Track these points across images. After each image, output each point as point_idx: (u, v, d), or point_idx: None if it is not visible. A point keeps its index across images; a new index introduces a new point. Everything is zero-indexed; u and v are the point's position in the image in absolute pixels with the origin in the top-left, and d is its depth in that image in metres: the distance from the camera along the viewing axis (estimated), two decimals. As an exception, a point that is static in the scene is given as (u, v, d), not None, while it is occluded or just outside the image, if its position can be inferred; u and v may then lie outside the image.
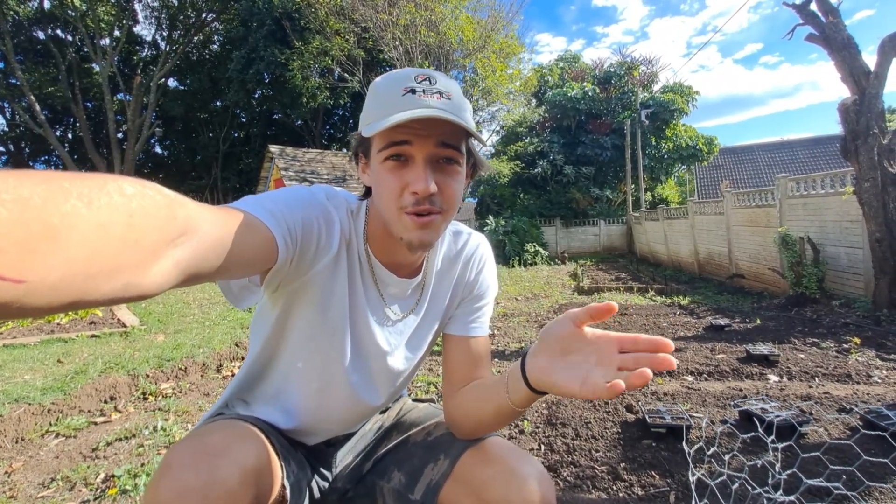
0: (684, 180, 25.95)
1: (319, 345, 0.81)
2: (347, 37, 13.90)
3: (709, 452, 1.37)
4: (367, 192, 0.81)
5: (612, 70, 19.27)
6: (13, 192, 0.29)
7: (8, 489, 1.81)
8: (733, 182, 20.81)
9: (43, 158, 22.85)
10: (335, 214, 0.76)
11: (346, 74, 14.98)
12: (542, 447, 2.12)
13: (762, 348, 3.38)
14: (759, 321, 4.85)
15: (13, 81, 17.47)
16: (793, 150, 23.49)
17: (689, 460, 1.20)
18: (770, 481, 1.29)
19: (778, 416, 2.03)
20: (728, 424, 2.09)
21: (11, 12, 16.34)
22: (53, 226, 0.31)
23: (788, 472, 1.24)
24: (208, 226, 0.47)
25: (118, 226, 0.35)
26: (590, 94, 17.84)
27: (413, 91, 0.68)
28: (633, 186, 17.88)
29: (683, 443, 1.34)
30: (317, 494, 0.92)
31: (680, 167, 20.94)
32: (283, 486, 0.74)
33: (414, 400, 1.13)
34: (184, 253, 0.43)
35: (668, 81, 19.16)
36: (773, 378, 2.96)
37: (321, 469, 0.94)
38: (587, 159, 18.07)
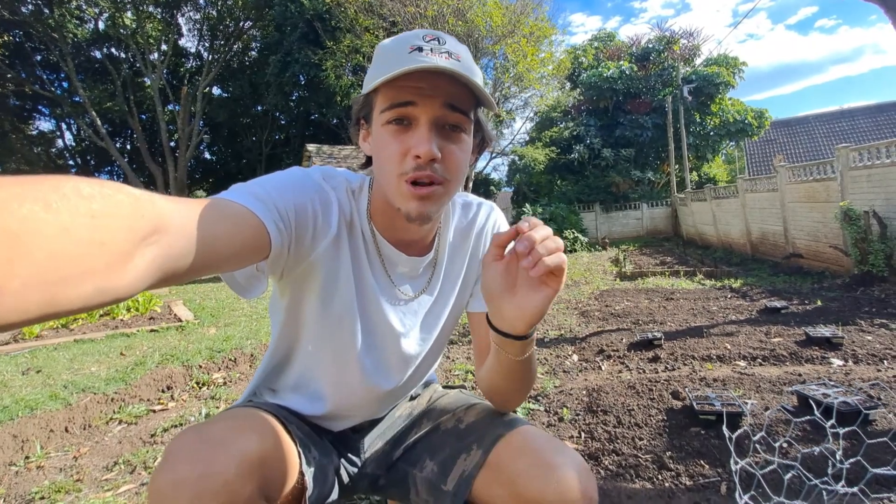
0: (733, 157, 24.50)
1: (330, 331, 0.79)
2: (377, 33, 13.99)
3: (755, 437, 1.27)
4: (367, 163, 0.77)
5: (651, 46, 18.38)
6: None
7: (75, 472, 1.96)
8: (787, 156, 19.45)
9: (106, 169, 24.54)
10: (332, 195, 0.74)
11: (377, 70, 15.06)
12: (583, 435, 2.06)
13: (824, 331, 3.14)
14: (819, 302, 4.51)
15: (76, 99, 18.85)
16: (854, 119, 21.66)
17: (731, 447, 1.12)
18: (830, 471, 1.18)
19: (842, 402, 1.88)
20: (781, 407, 1.95)
21: (70, 34, 17.58)
22: (12, 231, 0.29)
23: (852, 460, 1.14)
24: (183, 221, 0.45)
25: (81, 228, 0.33)
26: (627, 72, 17.11)
27: (420, 49, 0.64)
28: (676, 167, 17.05)
29: (723, 426, 1.25)
30: (346, 480, 0.91)
31: (728, 144, 19.76)
32: (301, 473, 0.73)
33: (444, 387, 1.11)
34: (158, 251, 0.41)
35: (712, 54, 18.09)
36: (837, 362, 2.74)
37: (349, 455, 0.94)
38: (626, 141, 17.39)
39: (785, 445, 1.37)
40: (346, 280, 0.77)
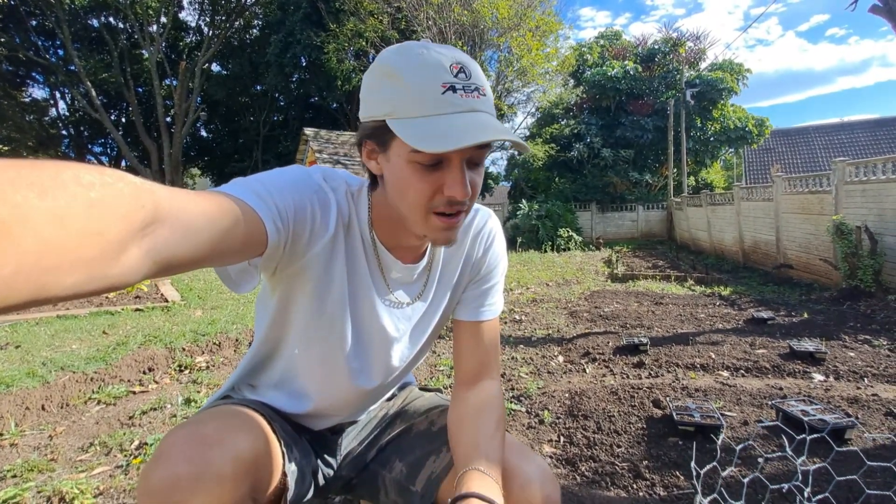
0: (731, 164, 24.58)
1: (320, 332, 0.79)
2: (381, 17, 13.82)
3: (724, 473, 1.27)
4: (374, 182, 0.76)
5: (657, 47, 18.28)
6: None
7: (49, 452, 1.94)
8: (785, 166, 19.56)
9: (100, 142, 24.12)
10: (331, 196, 0.73)
11: (380, 56, 14.90)
12: (562, 439, 2.07)
13: (807, 344, 3.17)
14: (806, 315, 4.55)
15: (71, 68, 18.44)
16: (853, 132, 21.77)
17: (698, 487, 1.11)
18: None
19: (819, 419, 1.89)
20: (761, 426, 1.96)
21: (67, 1, 17.15)
22: (2, 218, 0.29)
23: (820, 496, 1.14)
24: (182, 213, 0.45)
25: (77, 217, 0.33)
26: (631, 72, 17.03)
27: (453, 89, 0.61)
28: (675, 170, 17.08)
29: (692, 463, 1.25)
30: (321, 482, 0.91)
31: (727, 150, 19.80)
32: (283, 474, 0.74)
33: (421, 388, 1.11)
34: (155, 242, 0.41)
35: (717, 58, 18.02)
36: (818, 377, 2.77)
37: (325, 456, 0.94)
38: (626, 142, 17.37)
39: (748, 479, 1.37)
40: (339, 282, 0.76)
